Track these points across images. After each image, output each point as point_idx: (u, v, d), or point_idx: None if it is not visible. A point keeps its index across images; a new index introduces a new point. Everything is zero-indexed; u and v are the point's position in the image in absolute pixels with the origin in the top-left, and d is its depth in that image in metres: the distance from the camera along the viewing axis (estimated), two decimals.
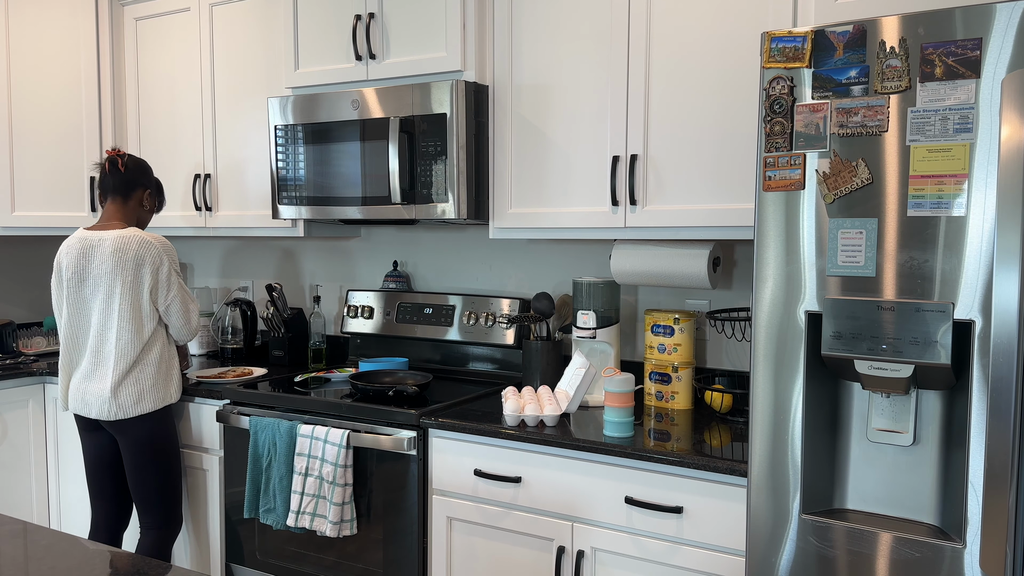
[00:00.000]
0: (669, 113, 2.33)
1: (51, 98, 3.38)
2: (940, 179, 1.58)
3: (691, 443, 2.13)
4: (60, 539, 1.51)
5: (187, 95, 3.29)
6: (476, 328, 2.95)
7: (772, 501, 1.79)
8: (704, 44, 2.27)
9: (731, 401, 2.43)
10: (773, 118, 1.74)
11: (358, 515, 2.54)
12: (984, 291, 1.55)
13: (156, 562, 1.42)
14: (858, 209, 1.66)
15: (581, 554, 2.19)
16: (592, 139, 2.45)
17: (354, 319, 3.22)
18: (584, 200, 2.48)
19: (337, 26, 2.81)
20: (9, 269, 3.81)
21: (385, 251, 3.31)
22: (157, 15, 3.35)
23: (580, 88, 2.46)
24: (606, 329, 2.56)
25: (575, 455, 2.19)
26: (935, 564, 1.63)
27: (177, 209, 3.36)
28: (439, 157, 2.56)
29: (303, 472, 2.54)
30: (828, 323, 1.69)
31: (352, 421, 2.54)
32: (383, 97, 2.65)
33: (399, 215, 2.66)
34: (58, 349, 3.67)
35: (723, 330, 2.55)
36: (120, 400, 2.62)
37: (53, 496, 3.31)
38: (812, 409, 1.76)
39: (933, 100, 1.58)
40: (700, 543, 2.04)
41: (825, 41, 1.68)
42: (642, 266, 2.49)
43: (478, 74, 2.60)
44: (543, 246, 2.97)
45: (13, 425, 3.20)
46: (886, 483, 1.75)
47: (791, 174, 1.72)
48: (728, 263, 2.63)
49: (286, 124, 2.85)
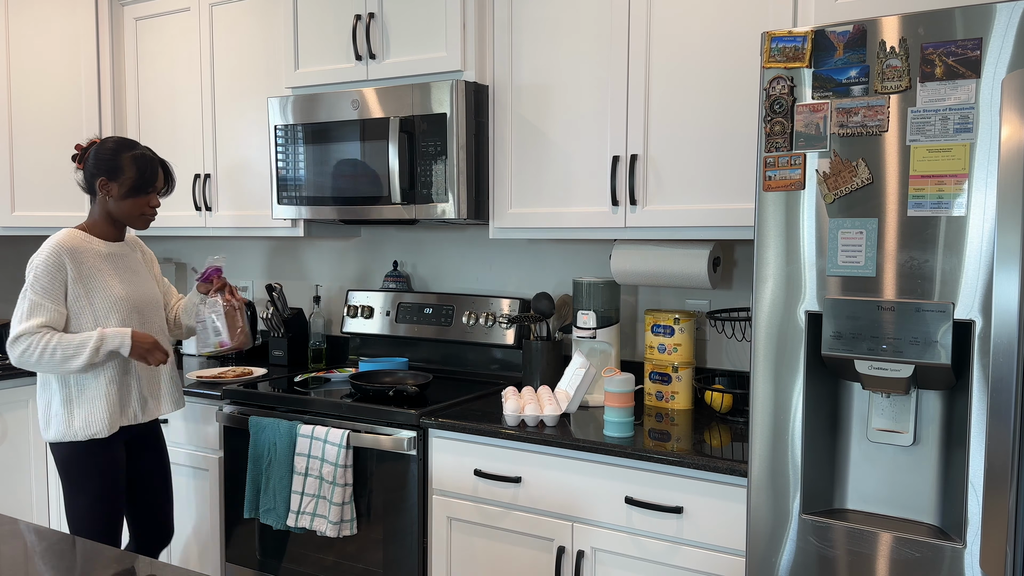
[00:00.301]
0: (669, 113, 2.33)
1: (51, 98, 3.38)
2: (940, 179, 1.58)
3: (691, 443, 2.13)
4: (60, 539, 1.51)
5: (187, 95, 3.29)
6: (476, 328, 2.95)
7: (772, 501, 1.79)
8: (704, 44, 2.27)
9: (731, 401, 2.43)
10: (773, 118, 1.74)
11: (358, 515, 2.54)
12: (984, 291, 1.55)
13: (156, 562, 1.42)
14: (858, 209, 1.66)
15: (581, 554, 2.19)
16: (592, 139, 2.45)
17: (354, 319, 3.22)
18: (584, 200, 2.48)
19: (337, 26, 2.81)
20: (9, 269, 3.81)
21: (385, 251, 3.31)
22: (157, 15, 3.35)
23: (580, 88, 2.46)
24: (606, 329, 2.56)
25: (575, 455, 2.19)
26: (935, 564, 1.63)
27: (177, 209, 3.36)
28: (439, 157, 2.56)
29: (303, 472, 2.54)
30: (828, 323, 1.69)
31: (352, 421, 2.54)
32: (383, 97, 2.65)
33: (399, 215, 2.66)
34: None
35: (723, 330, 2.55)
36: (177, 396, 2.58)
37: (53, 496, 3.31)
38: (812, 409, 1.76)
39: (933, 100, 1.58)
40: (700, 543, 2.04)
41: (825, 41, 1.68)
42: (642, 266, 2.49)
43: (478, 74, 2.60)
44: (543, 246, 2.97)
45: (13, 425, 3.20)
46: (886, 483, 1.75)
47: (791, 174, 1.72)
48: (728, 263, 2.63)
49: (286, 124, 2.85)
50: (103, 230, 2.45)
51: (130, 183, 2.38)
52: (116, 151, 2.40)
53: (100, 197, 2.40)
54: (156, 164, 2.43)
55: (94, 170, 2.39)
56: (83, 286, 2.34)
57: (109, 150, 2.40)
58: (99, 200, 2.41)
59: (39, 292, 2.29)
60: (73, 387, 2.37)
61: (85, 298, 2.34)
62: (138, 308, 2.44)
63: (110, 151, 2.39)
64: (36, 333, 2.27)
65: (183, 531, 2.97)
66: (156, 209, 2.47)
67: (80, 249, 2.36)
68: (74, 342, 2.28)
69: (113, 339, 2.31)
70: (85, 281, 2.35)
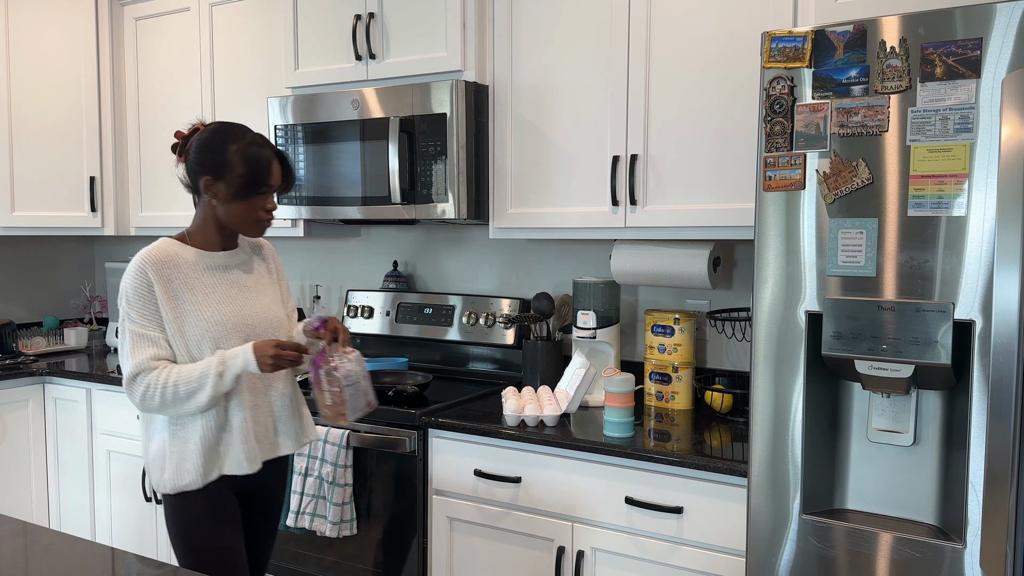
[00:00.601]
0: (669, 113, 2.33)
1: (51, 98, 3.38)
2: (940, 179, 1.58)
3: (691, 443, 2.13)
4: (60, 539, 1.51)
5: (187, 95, 3.29)
6: (476, 328, 2.95)
7: (772, 501, 1.79)
8: (704, 44, 2.27)
9: (731, 401, 2.43)
10: (773, 118, 1.73)
11: (358, 515, 2.54)
12: (984, 291, 1.55)
13: (157, 562, 1.42)
14: (858, 209, 1.66)
15: (581, 554, 2.19)
16: (592, 139, 2.45)
17: (354, 319, 3.22)
18: (584, 200, 2.48)
19: (337, 26, 2.81)
20: (9, 269, 3.81)
21: (385, 251, 3.31)
22: (157, 15, 3.35)
23: (580, 88, 2.46)
24: (606, 329, 2.56)
25: (575, 455, 2.19)
26: (935, 564, 1.63)
27: (176, 209, 3.36)
28: (439, 157, 2.56)
29: (303, 472, 2.54)
30: (828, 323, 1.69)
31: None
32: (383, 97, 2.65)
33: (399, 215, 2.66)
34: (58, 349, 3.67)
35: (723, 330, 2.55)
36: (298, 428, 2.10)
37: (53, 496, 3.31)
38: (812, 409, 1.76)
39: (933, 100, 1.58)
40: (700, 543, 2.04)
41: (825, 41, 1.68)
42: (642, 266, 2.49)
43: (478, 74, 2.60)
44: (543, 246, 2.97)
45: (13, 425, 3.20)
46: (886, 483, 1.75)
47: (791, 174, 1.72)
48: (728, 263, 2.63)
49: (286, 124, 2.85)
50: (205, 238, 2.00)
51: (240, 182, 1.91)
52: (222, 142, 1.93)
53: (205, 199, 1.96)
54: (270, 157, 1.95)
55: (196, 166, 1.94)
56: (172, 309, 1.90)
57: (213, 141, 1.94)
58: (204, 203, 1.97)
59: (137, 320, 1.88)
60: (168, 428, 1.94)
61: (175, 323, 1.90)
62: (244, 332, 1.96)
63: (215, 142, 1.93)
64: (153, 369, 1.86)
65: None
66: (273, 212, 1.99)
67: (170, 263, 1.91)
68: (194, 374, 1.86)
69: (235, 360, 1.87)
70: (174, 302, 1.90)
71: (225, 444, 1.94)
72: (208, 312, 1.92)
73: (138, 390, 1.86)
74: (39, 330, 3.74)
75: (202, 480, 1.92)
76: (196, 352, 1.91)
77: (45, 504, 3.31)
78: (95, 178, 3.48)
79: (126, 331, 1.89)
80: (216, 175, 1.92)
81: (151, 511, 3.04)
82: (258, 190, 1.93)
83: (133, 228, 3.52)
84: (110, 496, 3.16)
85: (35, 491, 3.28)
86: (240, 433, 1.94)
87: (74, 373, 3.18)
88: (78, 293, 4.06)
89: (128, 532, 3.11)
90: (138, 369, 1.86)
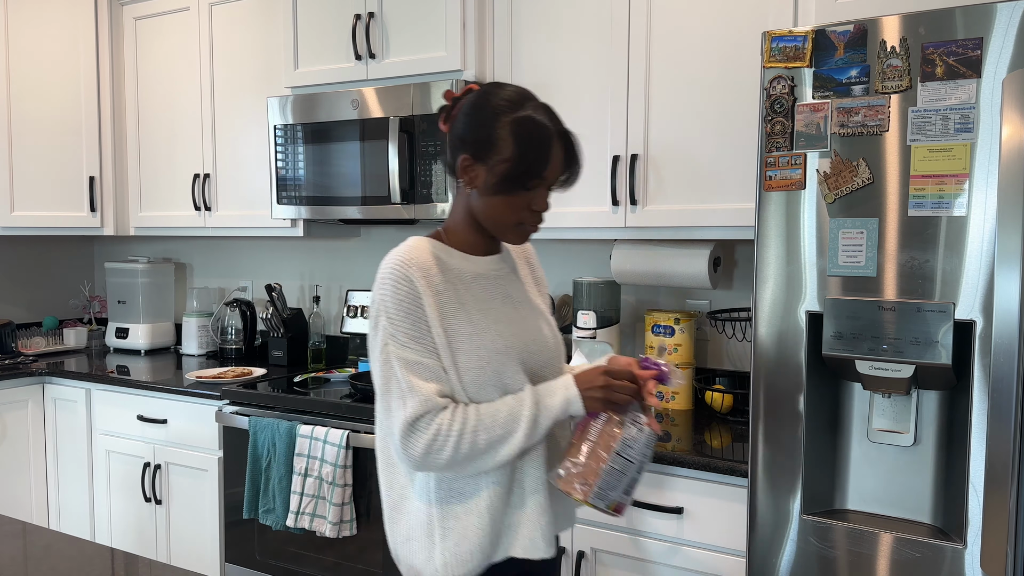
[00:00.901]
0: (669, 112, 2.33)
1: (51, 98, 3.38)
2: (941, 179, 1.58)
3: (691, 443, 2.13)
4: (60, 539, 1.51)
5: (186, 95, 3.29)
6: None
7: (772, 501, 1.79)
8: (704, 44, 2.27)
9: (731, 401, 2.42)
10: (774, 118, 1.73)
11: (358, 515, 2.54)
12: (985, 291, 1.55)
13: (157, 563, 1.42)
14: (859, 209, 1.66)
15: (581, 555, 2.19)
16: (592, 139, 2.45)
17: (354, 319, 3.22)
18: (584, 200, 2.48)
19: (337, 26, 2.81)
20: (9, 269, 3.80)
21: (385, 251, 3.31)
22: (156, 15, 3.35)
23: (580, 87, 2.46)
24: (606, 329, 2.56)
25: None
26: (935, 564, 1.63)
27: (176, 209, 3.36)
28: (439, 157, 2.56)
29: (302, 472, 2.54)
30: (829, 323, 1.69)
31: (352, 421, 2.53)
32: (383, 97, 2.65)
33: (399, 215, 2.65)
34: (57, 349, 3.67)
35: (723, 330, 2.54)
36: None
37: (52, 496, 3.31)
38: (812, 409, 1.76)
39: (934, 100, 1.58)
40: (700, 543, 2.04)
41: (826, 41, 1.67)
42: (642, 266, 2.49)
43: (478, 74, 2.60)
44: (543, 246, 2.97)
45: (13, 425, 3.20)
46: (886, 483, 1.75)
47: (792, 174, 1.72)
48: (728, 263, 2.63)
49: (286, 124, 2.85)
50: (466, 238, 1.52)
51: (504, 169, 1.41)
52: (492, 111, 1.42)
53: (462, 186, 1.48)
54: (551, 137, 1.43)
55: (457, 140, 1.46)
56: (445, 331, 1.43)
57: (481, 108, 1.43)
58: (460, 191, 1.50)
59: (406, 344, 1.40)
60: (435, 494, 1.46)
61: (447, 348, 1.42)
62: (525, 365, 1.49)
63: (482, 109, 1.43)
64: (442, 408, 1.39)
65: (183, 532, 2.97)
66: (543, 215, 1.48)
67: (435, 268, 1.45)
68: (499, 418, 1.40)
69: (551, 399, 1.44)
70: (445, 320, 1.43)
71: (515, 517, 1.47)
72: (487, 337, 1.45)
73: (422, 438, 1.38)
74: (38, 330, 3.74)
75: (485, 565, 1.45)
76: (474, 392, 1.43)
77: (44, 504, 3.30)
78: (94, 178, 3.48)
79: (391, 358, 1.40)
80: (477, 155, 1.42)
81: (150, 511, 3.04)
82: (526, 184, 1.42)
83: (132, 228, 3.52)
84: (109, 496, 3.16)
85: (34, 491, 3.27)
86: (536, 504, 1.47)
87: (73, 373, 3.18)
88: (77, 293, 4.05)
89: (127, 532, 3.11)
90: (424, 409, 1.38)
